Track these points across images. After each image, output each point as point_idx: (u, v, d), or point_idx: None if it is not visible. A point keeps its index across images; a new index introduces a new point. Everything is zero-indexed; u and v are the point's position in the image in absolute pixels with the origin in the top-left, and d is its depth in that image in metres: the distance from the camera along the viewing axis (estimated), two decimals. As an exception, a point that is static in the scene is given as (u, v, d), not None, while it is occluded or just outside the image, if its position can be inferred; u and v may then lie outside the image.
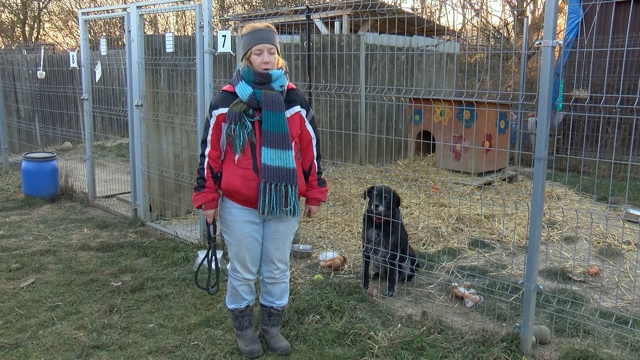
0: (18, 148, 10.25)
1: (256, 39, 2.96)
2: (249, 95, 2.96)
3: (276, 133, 2.97)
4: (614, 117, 7.56)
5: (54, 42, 23.51)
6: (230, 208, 3.09)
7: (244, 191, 3.00)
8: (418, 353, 3.25)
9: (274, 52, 3.00)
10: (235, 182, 3.00)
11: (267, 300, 3.35)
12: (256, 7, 19.76)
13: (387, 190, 4.08)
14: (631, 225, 5.86)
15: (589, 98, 4.28)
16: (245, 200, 3.03)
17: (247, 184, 2.99)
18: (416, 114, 8.22)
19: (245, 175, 2.99)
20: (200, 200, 3.07)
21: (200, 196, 3.07)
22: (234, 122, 2.94)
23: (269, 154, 2.96)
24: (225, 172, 3.05)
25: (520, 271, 4.62)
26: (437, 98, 7.75)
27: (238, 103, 2.98)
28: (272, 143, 2.96)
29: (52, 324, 3.73)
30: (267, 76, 2.98)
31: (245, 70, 3.00)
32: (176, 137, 6.20)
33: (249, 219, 3.08)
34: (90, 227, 5.98)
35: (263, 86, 2.98)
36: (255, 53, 2.97)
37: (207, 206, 3.08)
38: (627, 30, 5.17)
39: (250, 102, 2.96)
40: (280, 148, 2.97)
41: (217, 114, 3.01)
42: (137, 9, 5.72)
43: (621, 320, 3.58)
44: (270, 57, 2.98)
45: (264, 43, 2.96)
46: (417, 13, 16.36)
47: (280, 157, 2.97)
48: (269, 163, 2.96)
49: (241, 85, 2.99)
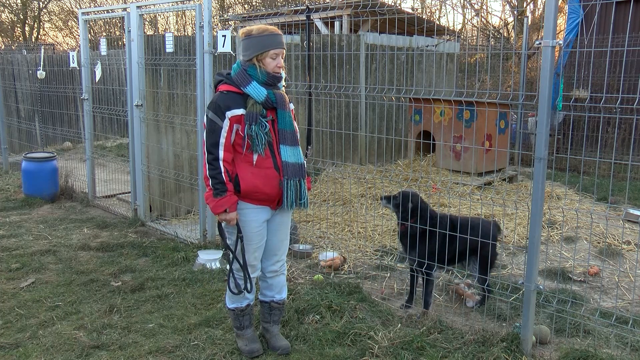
0: (18, 148, 10.25)
1: (274, 43, 3.02)
2: (265, 97, 3.02)
3: (290, 131, 3.10)
4: (614, 117, 7.56)
5: (54, 42, 23.51)
6: (243, 209, 3.10)
7: (267, 190, 3.05)
8: (418, 353, 3.25)
9: (283, 56, 3.10)
10: (257, 182, 3.04)
11: (267, 296, 3.37)
12: (256, 7, 19.76)
13: (405, 196, 3.84)
14: (631, 225, 5.86)
15: (589, 98, 4.28)
16: (265, 200, 3.09)
17: (269, 183, 3.05)
18: (416, 114, 8.22)
19: (267, 175, 3.05)
20: (226, 204, 3.00)
21: (224, 200, 2.99)
22: (253, 123, 2.98)
23: (287, 152, 3.08)
24: (243, 174, 3.03)
25: (520, 271, 4.62)
26: (437, 98, 7.75)
27: (254, 104, 3.01)
28: (288, 140, 3.09)
29: (52, 324, 3.73)
30: (280, 78, 3.09)
31: (259, 72, 3.02)
32: (176, 137, 6.20)
33: (262, 217, 3.14)
34: (90, 227, 5.98)
35: (272, 87, 3.07)
36: (272, 57, 3.03)
37: (231, 209, 3.04)
38: (627, 30, 5.17)
39: (266, 102, 3.02)
40: (293, 145, 3.12)
41: (230, 115, 2.98)
42: (137, 9, 5.72)
43: (621, 320, 3.58)
44: (281, 61, 3.07)
45: (280, 48, 3.04)
46: (417, 13, 16.36)
47: (294, 153, 3.12)
48: (289, 160, 3.08)
49: (255, 86, 3.01)
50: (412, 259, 3.82)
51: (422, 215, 3.77)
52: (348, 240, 5.37)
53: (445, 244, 3.69)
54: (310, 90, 6.66)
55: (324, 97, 7.65)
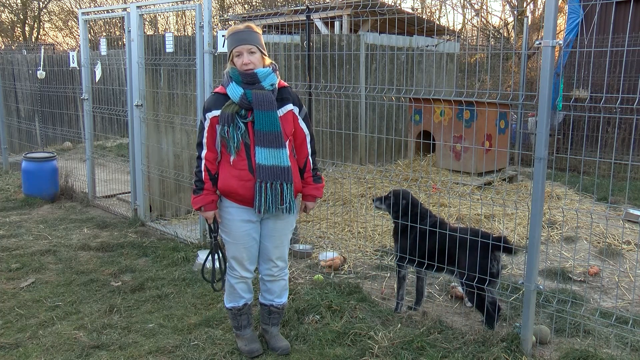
0: (18, 148, 10.25)
1: (236, 41, 2.99)
2: (240, 96, 2.98)
3: (269, 132, 2.98)
4: (614, 117, 7.56)
5: (54, 42, 23.50)
6: (227, 207, 3.12)
7: (241, 191, 3.02)
8: (418, 353, 3.25)
9: (254, 51, 2.99)
10: (232, 183, 3.03)
11: (267, 299, 3.35)
12: (256, 7, 19.76)
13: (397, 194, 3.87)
14: (631, 225, 5.86)
15: (589, 98, 4.28)
16: (242, 200, 3.06)
17: (244, 185, 3.01)
18: (416, 114, 8.22)
19: (241, 176, 3.01)
20: (200, 202, 3.09)
21: (200, 198, 3.08)
22: (227, 124, 2.95)
23: (263, 154, 2.98)
24: (221, 173, 3.07)
25: (520, 271, 4.62)
26: (437, 98, 7.75)
27: (230, 104, 2.99)
28: (266, 142, 2.98)
29: (52, 324, 3.73)
30: (254, 75, 2.99)
31: (233, 72, 3.02)
32: (176, 137, 6.20)
33: (247, 217, 3.10)
34: (90, 227, 5.98)
35: (253, 86, 3.00)
36: (235, 55, 3.00)
37: (206, 208, 3.10)
38: (627, 30, 5.17)
39: (241, 102, 2.98)
40: (274, 147, 2.99)
41: (210, 116, 3.03)
42: (137, 9, 5.72)
43: (621, 320, 3.58)
44: (251, 57, 2.98)
45: (242, 45, 2.97)
46: (417, 13, 16.37)
47: (274, 156, 2.99)
48: (263, 162, 2.98)
49: (232, 86, 3.01)
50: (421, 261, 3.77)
51: (415, 212, 3.78)
52: (348, 240, 5.36)
53: (443, 243, 3.67)
54: (310, 90, 6.66)
55: (324, 97, 7.65)
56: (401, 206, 3.81)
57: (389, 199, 3.88)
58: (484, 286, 3.43)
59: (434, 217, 3.78)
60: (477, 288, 3.44)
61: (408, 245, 3.76)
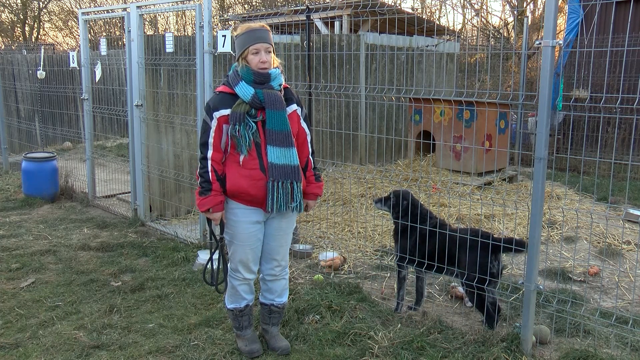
0: (18, 148, 10.25)
1: (253, 39, 2.96)
2: (252, 96, 2.96)
3: (280, 131, 2.99)
4: (614, 117, 7.56)
5: (54, 42, 23.50)
6: (234, 209, 3.09)
7: (252, 191, 2.99)
8: (418, 353, 3.25)
9: (270, 51, 3.00)
10: (242, 183, 2.99)
11: (267, 298, 3.35)
12: (256, 7, 19.76)
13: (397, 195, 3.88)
14: (631, 225, 5.86)
15: (589, 98, 4.28)
16: (252, 201, 3.03)
17: (255, 184, 2.99)
18: (416, 114, 8.22)
19: (252, 176, 2.99)
20: (208, 204, 3.02)
21: (208, 200, 3.01)
22: (238, 123, 2.93)
23: (275, 153, 2.98)
24: (229, 174, 3.03)
25: (520, 271, 4.62)
26: (437, 98, 7.75)
27: (240, 104, 2.96)
28: (277, 141, 2.98)
29: (52, 324, 3.73)
30: (267, 76, 2.99)
31: (244, 71, 2.99)
32: (176, 137, 6.20)
33: (254, 219, 3.09)
34: (90, 227, 5.98)
35: (263, 86, 2.98)
36: (252, 53, 2.96)
37: (215, 209, 3.04)
38: (627, 30, 5.17)
39: (253, 102, 2.96)
40: (285, 146, 2.99)
41: (218, 115, 2.98)
42: (137, 9, 5.72)
43: (621, 320, 3.58)
44: (267, 57, 2.98)
45: (260, 42, 2.95)
46: (417, 13, 16.37)
47: (285, 155, 3.00)
48: (275, 161, 2.97)
49: (242, 85, 2.98)
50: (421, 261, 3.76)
51: (415, 212, 3.78)
52: (348, 240, 5.36)
53: (443, 242, 3.67)
54: (310, 90, 6.67)
55: (324, 97, 7.65)
56: (402, 207, 3.81)
57: (390, 199, 3.89)
58: (484, 286, 3.43)
59: (434, 218, 3.78)
60: (478, 288, 3.44)
61: (408, 246, 3.77)
